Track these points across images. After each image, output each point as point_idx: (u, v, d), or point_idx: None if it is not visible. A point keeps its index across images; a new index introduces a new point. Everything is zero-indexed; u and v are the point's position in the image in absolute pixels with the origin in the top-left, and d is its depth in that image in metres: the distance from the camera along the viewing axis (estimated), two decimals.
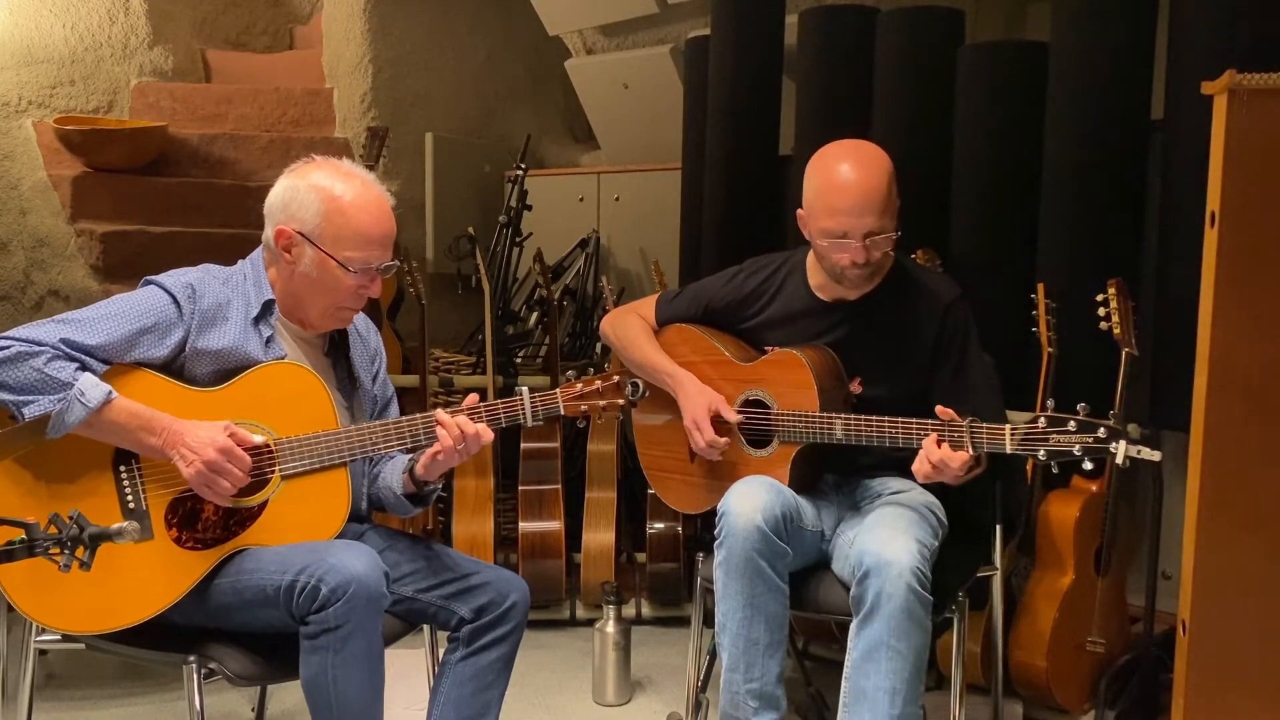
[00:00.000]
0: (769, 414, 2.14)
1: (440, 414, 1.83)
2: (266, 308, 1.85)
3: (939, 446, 1.88)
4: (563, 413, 1.90)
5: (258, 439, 1.76)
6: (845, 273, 2.09)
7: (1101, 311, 2.42)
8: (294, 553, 1.71)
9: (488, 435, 1.84)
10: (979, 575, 2.24)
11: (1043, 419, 1.81)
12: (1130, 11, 2.54)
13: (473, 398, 1.87)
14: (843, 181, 2.03)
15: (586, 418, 1.95)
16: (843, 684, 1.94)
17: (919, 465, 1.91)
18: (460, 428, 1.81)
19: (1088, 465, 1.80)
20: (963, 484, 1.97)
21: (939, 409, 1.91)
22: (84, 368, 1.69)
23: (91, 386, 1.65)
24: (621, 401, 1.92)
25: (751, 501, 1.98)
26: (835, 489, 2.21)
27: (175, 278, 1.82)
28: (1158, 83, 2.54)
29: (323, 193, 1.82)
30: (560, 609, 3.29)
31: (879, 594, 1.86)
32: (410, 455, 1.93)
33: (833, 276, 2.13)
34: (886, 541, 1.90)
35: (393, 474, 1.96)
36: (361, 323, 2.04)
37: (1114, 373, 2.41)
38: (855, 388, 2.15)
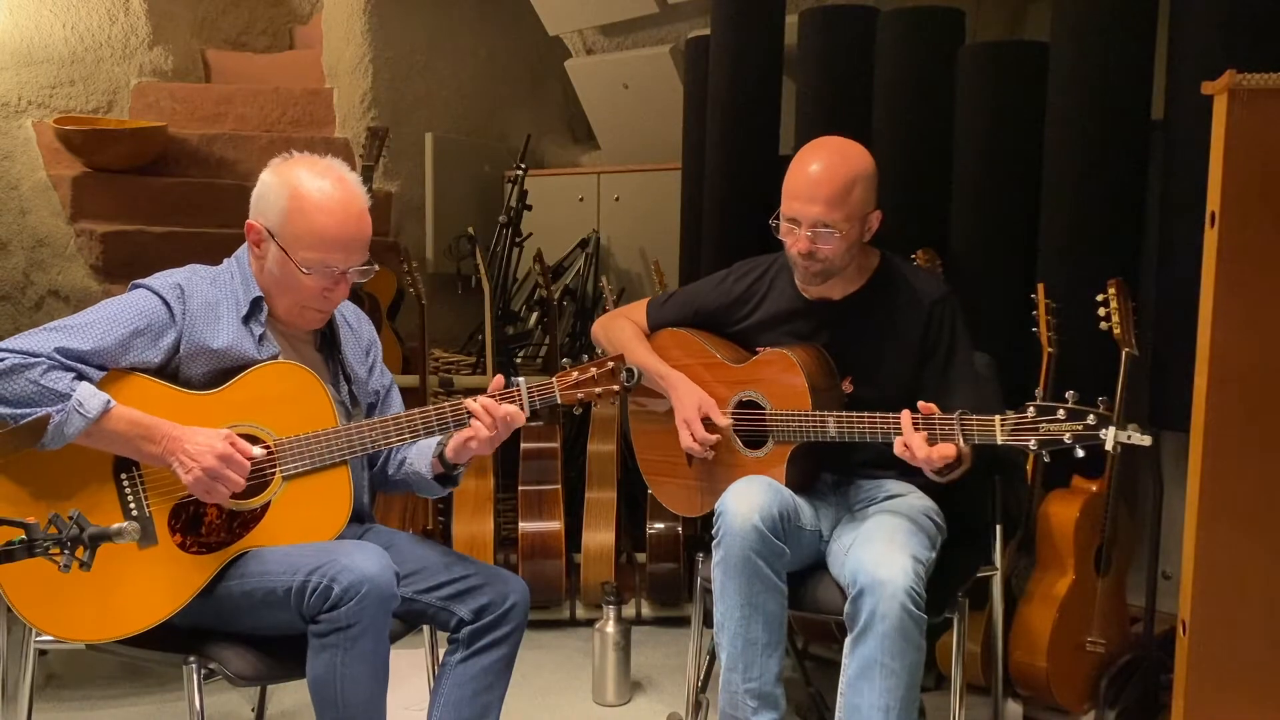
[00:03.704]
0: (763, 415, 2.14)
1: (469, 402, 1.83)
2: (255, 305, 1.84)
3: (927, 443, 1.87)
4: (559, 401, 1.89)
5: (258, 451, 1.75)
6: (797, 263, 2.09)
7: (1101, 311, 2.42)
8: (303, 554, 1.71)
9: (519, 417, 1.84)
10: (979, 575, 2.24)
11: (1032, 408, 1.81)
12: (1130, 11, 2.54)
13: (498, 380, 1.86)
14: (803, 167, 2.03)
15: (585, 405, 1.94)
16: (838, 699, 1.94)
17: (912, 453, 1.89)
18: (489, 411, 1.82)
19: (1079, 453, 1.78)
20: (958, 483, 1.96)
21: (921, 404, 1.90)
22: (80, 377, 1.67)
23: (89, 396, 1.64)
24: (616, 387, 1.91)
25: (749, 501, 1.97)
26: (833, 489, 2.21)
27: (163, 279, 1.81)
28: (1158, 83, 2.54)
29: (290, 190, 1.79)
30: (560, 609, 3.29)
31: (873, 613, 1.85)
32: (439, 439, 1.93)
33: (792, 265, 2.12)
34: (881, 559, 1.88)
35: (419, 458, 1.97)
36: (351, 314, 2.03)
37: (1114, 373, 2.41)
38: (846, 387, 2.15)
